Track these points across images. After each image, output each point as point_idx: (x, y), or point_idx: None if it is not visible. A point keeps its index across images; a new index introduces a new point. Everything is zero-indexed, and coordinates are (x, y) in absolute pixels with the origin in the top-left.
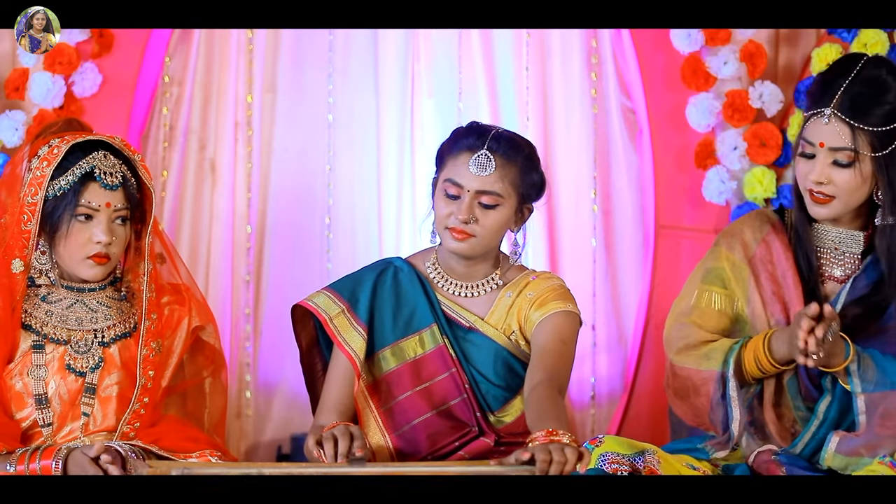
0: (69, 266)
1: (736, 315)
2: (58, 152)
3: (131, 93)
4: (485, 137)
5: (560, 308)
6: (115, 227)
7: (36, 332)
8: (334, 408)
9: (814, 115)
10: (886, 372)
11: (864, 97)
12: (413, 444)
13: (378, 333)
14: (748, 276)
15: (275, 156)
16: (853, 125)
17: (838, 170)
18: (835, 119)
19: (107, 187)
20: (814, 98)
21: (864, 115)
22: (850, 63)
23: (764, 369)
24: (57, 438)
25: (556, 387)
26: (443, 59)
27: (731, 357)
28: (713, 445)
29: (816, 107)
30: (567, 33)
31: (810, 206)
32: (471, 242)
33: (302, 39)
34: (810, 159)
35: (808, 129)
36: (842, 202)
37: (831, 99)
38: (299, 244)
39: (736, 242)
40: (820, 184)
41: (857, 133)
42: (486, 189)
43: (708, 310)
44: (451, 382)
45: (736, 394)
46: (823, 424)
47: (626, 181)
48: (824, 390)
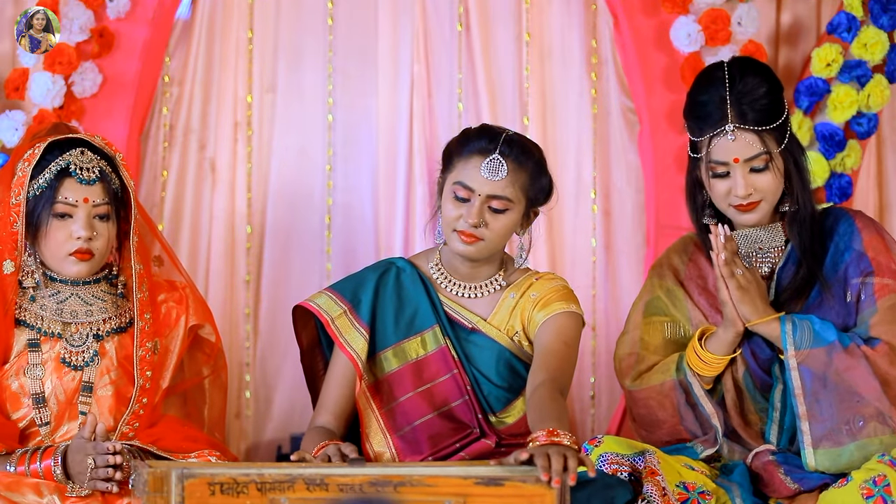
0: (53, 264)
1: (682, 338)
2: (37, 152)
3: (131, 93)
4: (497, 141)
5: (563, 309)
6: (96, 222)
7: (31, 328)
8: (331, 408)
9: (714, 136)
10: (821, 332)
11: (751, 101)
12: (415, 445)
13: (380, 334)
14: (683, 297)
15: (275, 156)
16: (757, 130)
17: (757, 175)
18: (739, 132)
19: (83, 182)
20: (701, 120)
21: (759, 116)
22: (717, 79)
23: (705, 360)
24: (55, 438)
25: (559, 387)
26: (443, 59)
27: (683, 362)
28: (700, 443)
29: (711, 128)
30: (567, 33)
31: (738, 216)
32: (478, 246)
33: (302, 39)
34: (725, 178)
35: (714, 150)
36: (768, 202)
37: (724, 115)
38: (299, 244)
39: (665, 270)
40: (748, 195)
41: (763, 136)
42: (497, 194)
43: (653, 340)
44: (452, 384)
45: (702, 391)
46: (782, 414)
47: (626, 181)
48: (774, 379)
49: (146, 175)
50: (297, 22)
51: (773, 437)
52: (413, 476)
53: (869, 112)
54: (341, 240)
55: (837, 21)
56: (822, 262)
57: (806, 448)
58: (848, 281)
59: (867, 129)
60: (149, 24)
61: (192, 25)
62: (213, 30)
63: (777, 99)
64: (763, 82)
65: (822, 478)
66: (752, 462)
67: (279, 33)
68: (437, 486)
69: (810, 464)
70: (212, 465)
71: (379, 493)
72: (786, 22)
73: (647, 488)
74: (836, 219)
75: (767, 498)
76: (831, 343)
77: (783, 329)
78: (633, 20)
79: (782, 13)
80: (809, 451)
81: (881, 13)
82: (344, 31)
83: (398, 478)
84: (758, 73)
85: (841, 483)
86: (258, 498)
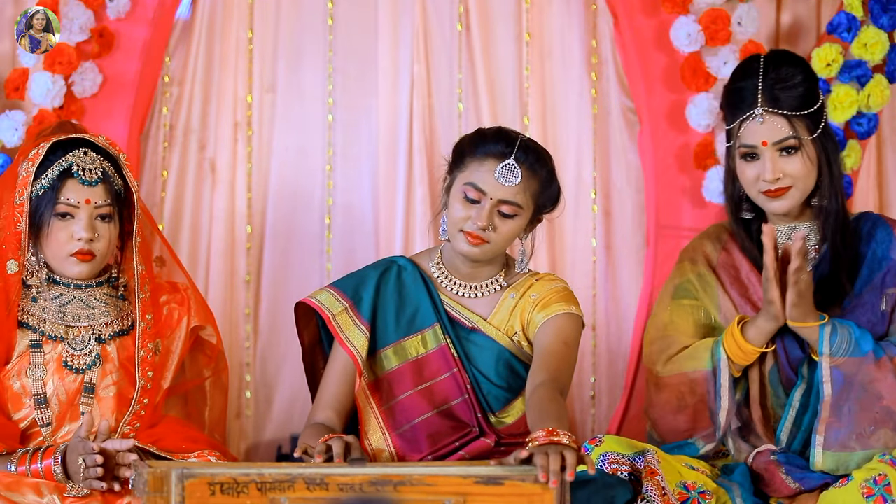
0: (55, 265)
1: (710, 325)
2: (40, 152)
3: (131, 93)
4: (512, 146)
5: (563, 310)
6: (98, 223)
7: (33, 330)
8: (330, 404)
9: (745, 120)
10: (859, 341)
11: (783, 88)
12: (414, 444)
13: (380, 332)
14: (715, 284)
15: (275, 156)
16: (787, 114)
17: (787, 159)
18: (768, 115)
19: (85, 183)
20: (734, 106)
21: (790, 102)
22: (752, 67)
23: (744, 350)
24: (56, 438)
25: (558, 388)
26: (443, 59)
27: (719, 348)
28: (701, 438)
29: (742, 112)
30: (567, 33)
31: (767, 203)
32: (484, 248)
33: (302, 39)
34: (755, 161)
35: (744, 134)
36: (798, 189)
37: (755, 100)
38: (299, 244)
39: (698, 255)
40: (777, 179)
41: (793, 120)
42: (509, 199)
43: (682, 322)
44: (452, 382)
45: (727, 383)
46: (799, 413)
47: (626, 181)
48: (800, 377)
49: (146, 175)
50: (297, 22)
51: (784, 436)
52: (413, 475)
53: (869, 112)
54: (341, 240)
55: (837, 21)
56: (856, 268)
57: (816, 448)
58: (884, 289)
59: (867, 129)
60: (149, 24)
61: (192, 25)
62: (213, 30)
63: (811, 88)
64: (798, 72)
65: (822, 477)
66: (753, 461)
67: (279, 33)
68: (437, 486)
69: (817, 463)
70: (212, 465)
71: (379, 492)
72: (786, 22)
73: (646, 488)
74: (873, 225)
75: (768, 498)
76: (866, 354)
77: (822, 335)
78: (633, 20)
79: (782, 13)
80: (819, 451)
81: (881, 13)
82: (344, 31)
83: (398, 477)
84: (793, 63)
85: (842, 483)
86: (258, 498)
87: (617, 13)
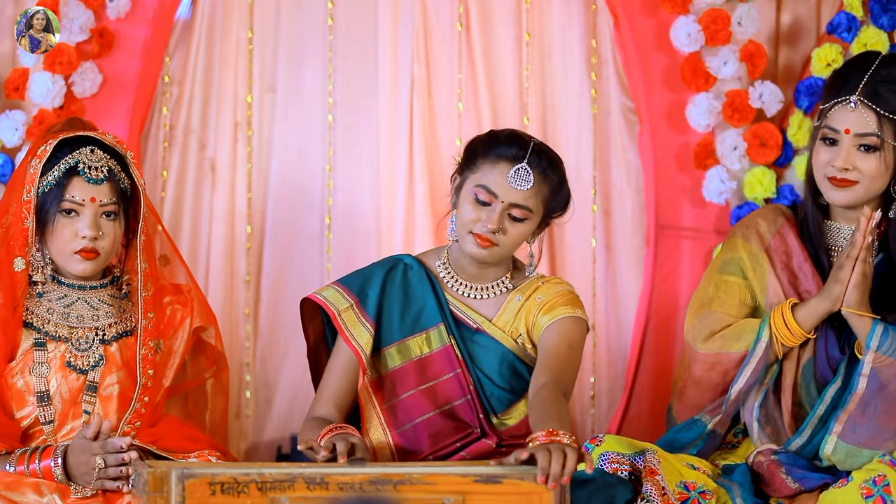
0: (59, 261)
1: (754, 305)
2: (48, 149)
3: (131, 93)
4: (526, 150)
5: (569, 313)
6: (103, 221)
7: (37, 330)
8: (331, 399)
9: (838, 104)
10: None
11: (888, 88)
12: (415, 443)
13: (385, 330)
14: (766, 265)
15: (275, 156)
16: (879, 112)
17: (863, 155)
18: (861, 106)
19: (91, 181)
20: (835, 88)
21: (888, 103)
22: (869, 58)
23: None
24: (58, 437)
25: (561, 390)
26: (443, 59)
27: (764, 328)
28: (708, 413)
29: (839, 95)
30: (567, 33)
31: (829, 191)
32: (492, 251)
33: (302, 39)
34: (833, 146)
35: (831, 116)
36: (864, 187)
37: (856, 88)
38: (299, 244)
39: (752, 233)
40: (845, 170)
41: (882, 120)
42: (520, 203)
43: (728, 299)
44: (455, 383)
45: (756, 360)
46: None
47: (626, 181)
48: (837, 376)
49: (146, 175)
50: (298, 22)
51: (808, 430)
52: (413, 475)
53: None
54: (341, 240)
55: (837, 21)
56: None
57: (831, 435)
58: None
59: None
60: (149, 24)
61: (192, 25)
62: (213, 30)
63: None
64: None
65: (822, 478)
66: (753, 461)
67: (279, 33)
68: (437, 485)
69: (826, 451)
70: (212, 465)
71: (379, 491)
72: (786, 22)
73: (646, 488)
74: None
75: (768, 497)
76: None
77: (873, 329)
78: (633, 20)
79: (782, 13)
80: (833, 438)
81: (881, 13)
82: (344, 31)
83: (398, 476)
84: None
85: (841, 483)
86: (259, 497)
87: (617, 13)
